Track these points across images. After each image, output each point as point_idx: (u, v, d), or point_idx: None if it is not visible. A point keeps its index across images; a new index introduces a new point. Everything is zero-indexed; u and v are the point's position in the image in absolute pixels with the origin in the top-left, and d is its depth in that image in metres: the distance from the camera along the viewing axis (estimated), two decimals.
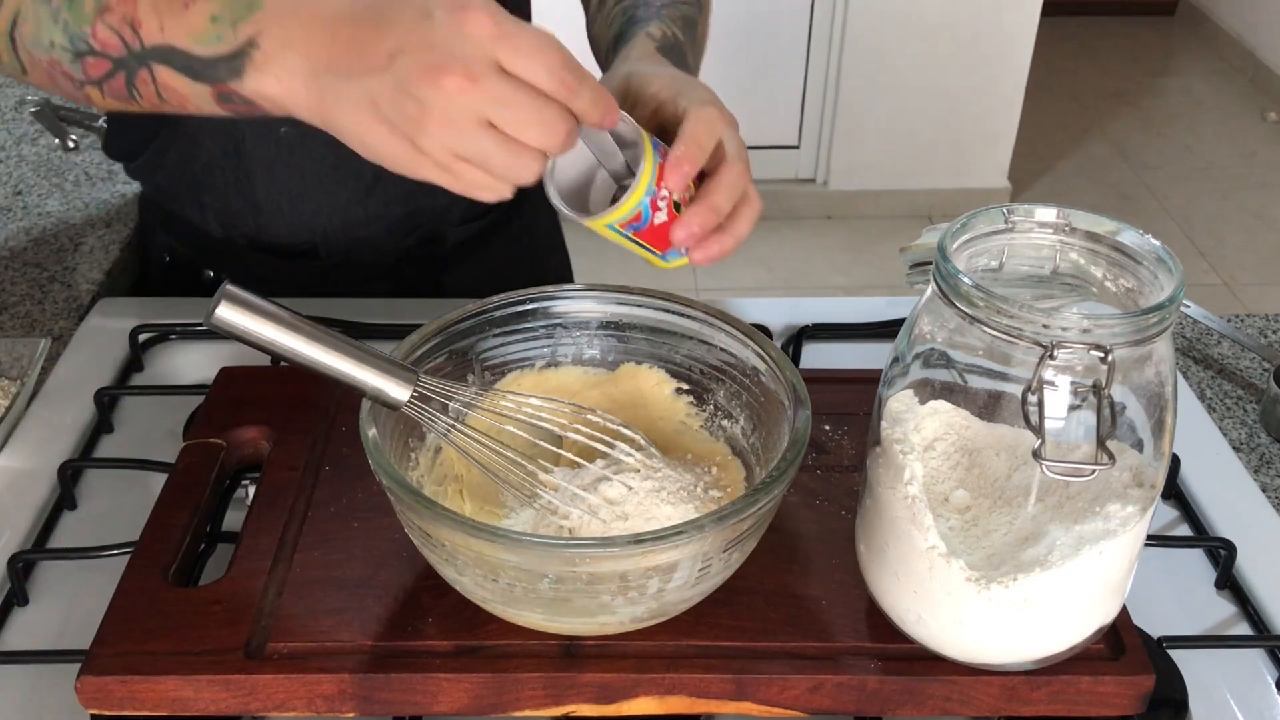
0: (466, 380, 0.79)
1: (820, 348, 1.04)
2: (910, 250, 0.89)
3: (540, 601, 0.66)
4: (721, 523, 0.63)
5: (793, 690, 0.69)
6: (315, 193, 1.08)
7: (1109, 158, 3.76)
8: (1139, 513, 0.65)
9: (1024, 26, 3.16)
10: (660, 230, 0.74)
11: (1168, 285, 0.62)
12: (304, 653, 0.69)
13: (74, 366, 1.02)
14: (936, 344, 0.65)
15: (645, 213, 0.72)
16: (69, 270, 1.19)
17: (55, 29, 0.74)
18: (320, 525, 0.77)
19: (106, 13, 0.72)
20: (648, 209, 0.72)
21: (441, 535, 0.64)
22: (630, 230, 0.73)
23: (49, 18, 0.74)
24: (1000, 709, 0.69)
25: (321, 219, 1.10)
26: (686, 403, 0.81)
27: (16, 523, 0.86)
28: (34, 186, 1.33)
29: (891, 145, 3.31)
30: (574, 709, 0.69)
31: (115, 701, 0.68)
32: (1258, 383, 1.08)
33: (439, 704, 0.69)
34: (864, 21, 3.12)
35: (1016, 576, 0.64)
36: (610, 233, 0.74)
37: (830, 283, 3.14)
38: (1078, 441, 0.59)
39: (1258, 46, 4.21)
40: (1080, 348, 0.58)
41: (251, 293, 0.65)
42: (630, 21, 0.95)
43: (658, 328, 0.81)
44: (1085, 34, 4.52)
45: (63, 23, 0.73)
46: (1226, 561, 0.83)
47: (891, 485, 0.67)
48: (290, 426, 0.84)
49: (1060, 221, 0.66)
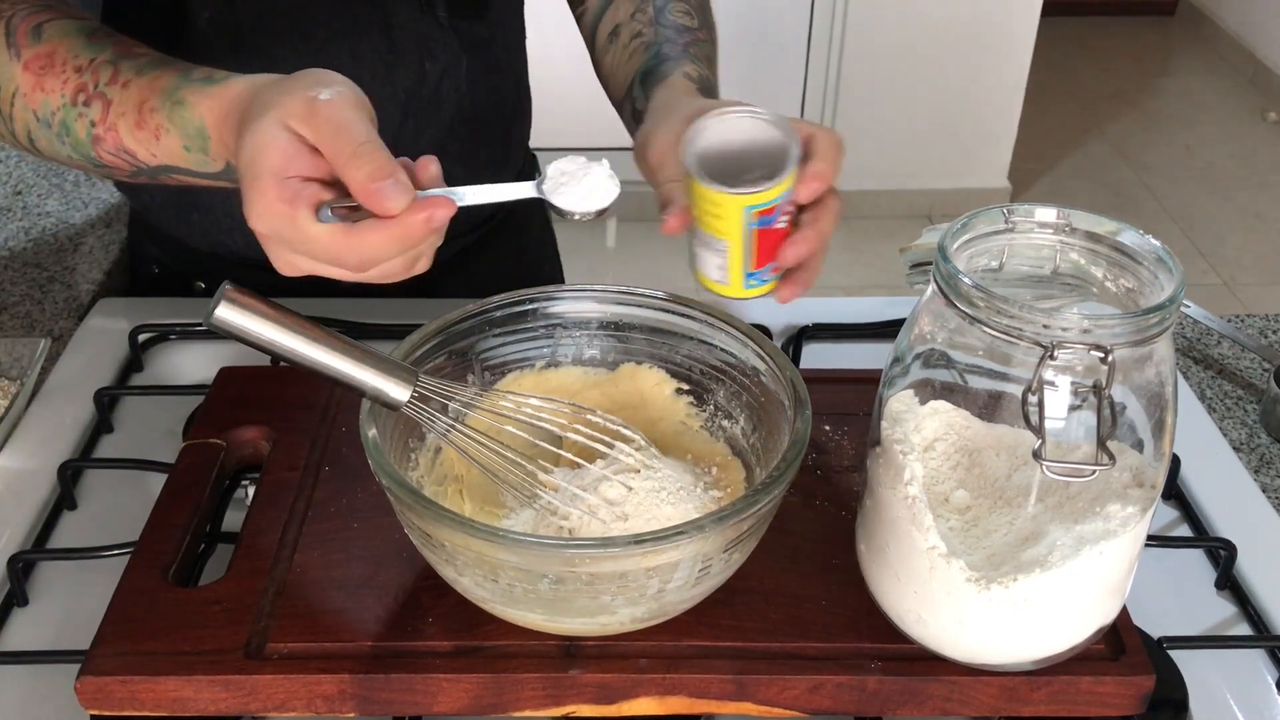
0: (466, 380, 0.79)
1: (820, 348, 1.04)
2: (910, 250, 0.89)
3: (540, 602, 0.65)
4: (721, 523, 0.63)
5: (793, 690, 0.69)
6: None
7: (1109, 158, 3.76)
8: (1139, 513, 0.65)
9: (1024, 26, 3.16)
10: (775, 238, 0.74)
11: (1168, 285, 0.62)
12: (304, 653, 0.69)
13: (74, 366, 1.02)
14: (937, 344, 0.65)
15: (779, 209, 0.71)
16: (69, 270, 1.19)
17: (65, 149, 0.78)
18: (320, 525, 0.77)
19: (99, 143, 0.75)
20: (782, 206, 0.71)
21: (441, 535, 0.64)
22: (759, 223, 0.71)
23: (56, 140, 0.77)
24: (1000, 709, 0.69)
25: None
26: (686, 403, 0.81)
27: (16, 523, 0.86)
28: (34, 186, 1.33)
29: (891, 145, 3.31)
30: (574, 709, 0.69)
31: (115, 702, 0.68)
32: (1258, 383, 1.08)
33: (439, 704, 0.69)
34: (864, 21, 3.12)
35: (1017, 577, 0.64)
36: (737, 219, 0.71)
37: (830, 283, 3.13)
38: (1078, 442, 0.59)
39: (1258, 46, 4.21)
40: (1080, 348, 0.58)
41: (251, 293, 0.65)
42: (658, 59, 0.95)
43: (658, 328, 0.81)
44: (1085, 34, 4.51)
45: (69, 145, 0.77)
46: (1226, 562, 0.83)
47: (891, 485, 0.67)
48: (290, 426, 0.84)
49: (1060, 221, 0.66)
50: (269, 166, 0.62)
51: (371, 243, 0.62)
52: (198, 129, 0.71)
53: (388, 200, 0.61)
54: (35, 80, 0.76)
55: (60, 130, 0.76)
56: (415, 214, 0.62)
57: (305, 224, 0.62)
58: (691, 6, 1.00)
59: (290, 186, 0.62)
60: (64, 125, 0.76)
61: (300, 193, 0.62)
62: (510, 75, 1.13)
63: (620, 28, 0.99)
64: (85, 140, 0.76)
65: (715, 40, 1.01)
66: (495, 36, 1.08)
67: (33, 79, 0.76)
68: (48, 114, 0.77)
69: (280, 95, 0.63)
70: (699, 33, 0.98)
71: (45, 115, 0.77)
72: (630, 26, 0.98)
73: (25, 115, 0.78)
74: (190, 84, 0.72)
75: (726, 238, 0.74)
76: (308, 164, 0.63)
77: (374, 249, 0.62)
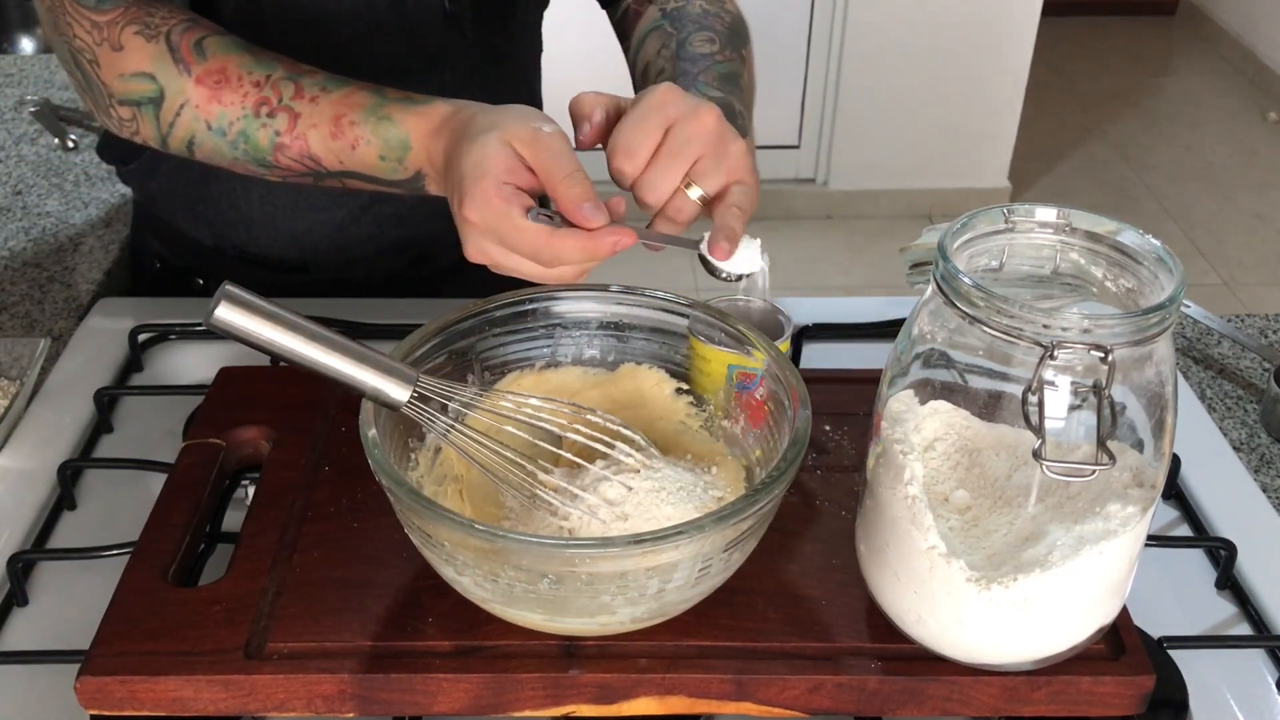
0: (466, 380, 0.79)
1: (820, 348, 1.04)
2: (910, 250, 0.89)
3: (540, 602, 0.65)
4: (721, 523, 0.63)
5: (793, 690, 0.68)
6: (308, 209, 1.08)
7: (1109, 158, 3.76)
8: (1139, 513, 0.65)
9: (1024, 26, 3.16)
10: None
11: (1168, 285, 0.62)
12: (304, 653, 0.69)
13: (74, 366, 1.02)
14: (936, 344, 0.65)
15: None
16: (68, 270, 1.19)
17: (236, 153, 0.86)
18: (320, 525, 0.77)
19: (281, 150, 0.85)
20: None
21: (441, 535, 0.64)
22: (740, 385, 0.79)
23: (227, 147, 0.86)
24: (1000, 709, 0.69)
25: (314, 236, 1.10)
26: (686, 403, 0.81)
27: (16, 523, 0.86)
28: (34, 186, 1.33)
29: (891, 145, 3.31)
30: (574, 709, 0.69)
31: (115, 702, 0.68)
32: (1258, 383, 1.08)
33: (439, 704, 0.69)
34: (864, 21, 3.12)
35: (1017, 577, 0.64)
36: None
37: (830, 283, 3.14)
38: (1078, 441, 0.59)
39: (1258, 46, 4.21)
40: (1080, 348, 0.58)
41: (251, 293, 0.65)
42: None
43: (658, 328, 0.81)
44: (1085, 34, 4.51)
45: (242, 151, 0.86)
46: (1227, 561, 0.83)
47: (891, 485, 0.67)
48: (290, 426, 0.84)
49: (1060, 221, 0.66)
50: (493, 172, 0.74)
51: (568, 246, 0.74)
52: (400, 141, 0.82)
53: (592, 217, 0.74)
54: (211, 94, 0.84)
55: (237, 138, 0.85)
56: (607, 235, 0.74)
57: (518, 219, 0.74)
58: (716, 32, 1.00)
59: (508, 190, 0.74)
60: (243, 134, 0.85)
61: (515, 197, 0.74)
62: (525, 87, 1.14)
63: (649, 67, 1.01)
64: (266, 147, 0.85)
65: (745, 57, 1.01)
66: (514, 50, 1.09)
67: (208, 92, 0.84)
68: (224, 124, 0.85)
69: (505, 120, 0.76)
70: (718, 55, 0.97)
71: (221, 125, 0.85)
72: (656, 64, 0.99)
73: (194, 125, 0.86)
74: (392, 103, 0.82)
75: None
76: (524, 178, 0.75)
77: (568, 252, 0.74)
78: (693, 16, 1.01)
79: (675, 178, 0.78)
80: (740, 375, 0.77)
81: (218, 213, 1.09)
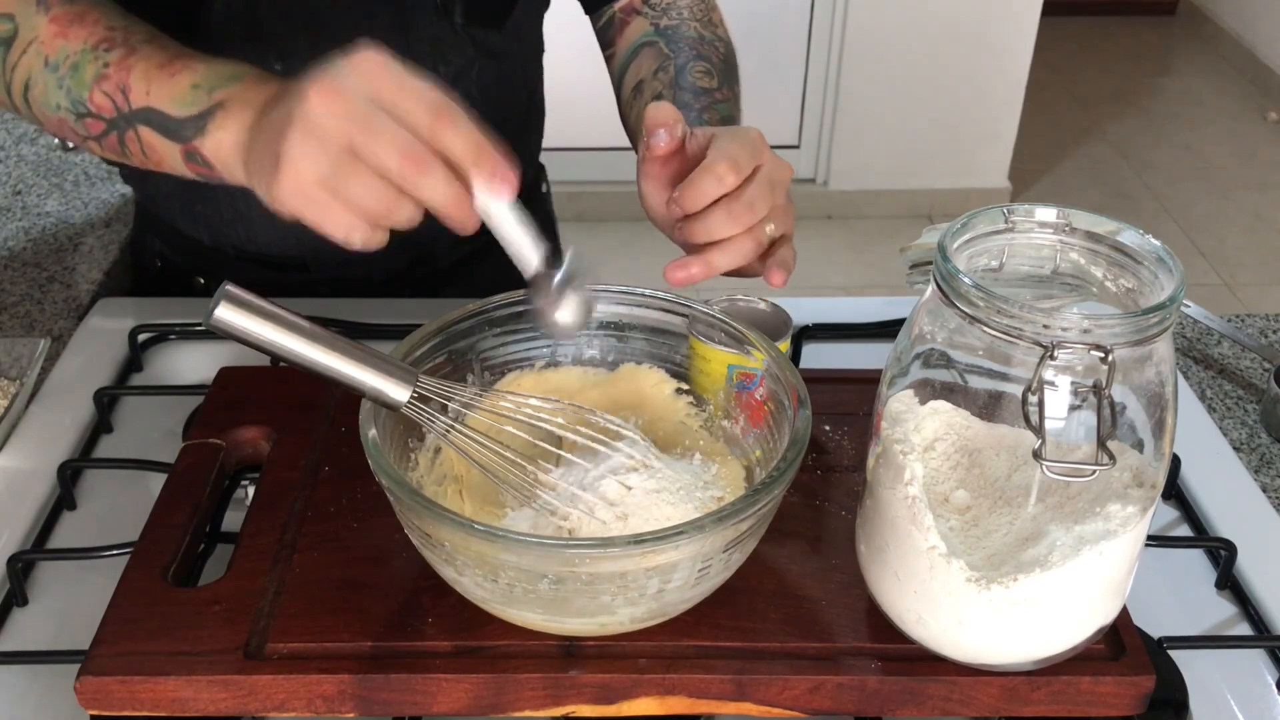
0: (466, 380, 0.79)
1: (820, 348, 1.04)
2: (910, 250, 0.89)
3: (540, 602, 0.65)
4: (721, 523, 0.63)
5: (793, 690, 0.68)
6: None
7: (1109, 158, 3.76)
8: (1139, 513, 0.65)
9: (1024, 26, 3.16)
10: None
11: (1168, 285, 0.62)
12: (304, 653, 0.69)
13: (73, 366, 1.02)
14: (936, 344, 0.65)
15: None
16: (68, 270, 1.19)
17: (59, 94, 0.81)
18: (320, 525, 0.77)
19: (103, 80, 0.79)
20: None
21: (441, 535, 0.64)
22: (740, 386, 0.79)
23: (55, 84, 0.81)
24: (1000, 709, 0.69)
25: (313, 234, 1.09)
26: (686, 403, 0.81)
27: (16, 523, 0.86)
28: (33, 186, 1.33)
29: (891, 145, 3.31)
30: (574, 709, 0.69)
31: (115, 702, 0.68)
32: (1258, 383, 1.08)
33: (439, 704, 0.69)
34: (864, 21, 3.12)
35: (1017, 577, 0.64)
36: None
37: (830, 283, 3.14)
38: (1078, 441, 0.59)
39: (1258, 46, 4.21)
40: (1080, 348, 0.58)
41: (251, 293, 0.65)
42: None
43: (658, 328, 0.81)
44: (1085, 34, 4.51)
45: (66, 89, 0.81)
46: (1227, 562, 0.83)
47: (891, 485, 0.67)
48: (290, 426, 0.84)
49: (1060, 221, 0.66)
50: (364, 49, 0.64)
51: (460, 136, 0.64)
52: (230, 73, 0.75)
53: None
54: (59, 30, 0.80)
55: (68, 72, 0.79)
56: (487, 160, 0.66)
57: (409, 77, 0.64)
58: (713, 64, 1.00)
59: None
60: (74, 66, 0.79)
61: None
62: (523, 88, 1.14)
63: (643, 84, 1.00)
64: (88, 81, 0.78)
65: (737, 96, 1.01)
66: (512, 49, 1.09)
67: (57, 28, 0.80)
68: (60, 58, 0.79)
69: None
70: (717, 93, 0.97)
71: (57, 59, 0.79)
72: (652, 85, 0.98)
73: (33, 62, 0.80)
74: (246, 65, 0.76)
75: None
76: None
77: (454, 141, 0.64)
78: (689, 40, 1.01)
79: (764, 209, 0.78)
80: (740, 375, 0.77)
81: (216, 211, 1.09)
